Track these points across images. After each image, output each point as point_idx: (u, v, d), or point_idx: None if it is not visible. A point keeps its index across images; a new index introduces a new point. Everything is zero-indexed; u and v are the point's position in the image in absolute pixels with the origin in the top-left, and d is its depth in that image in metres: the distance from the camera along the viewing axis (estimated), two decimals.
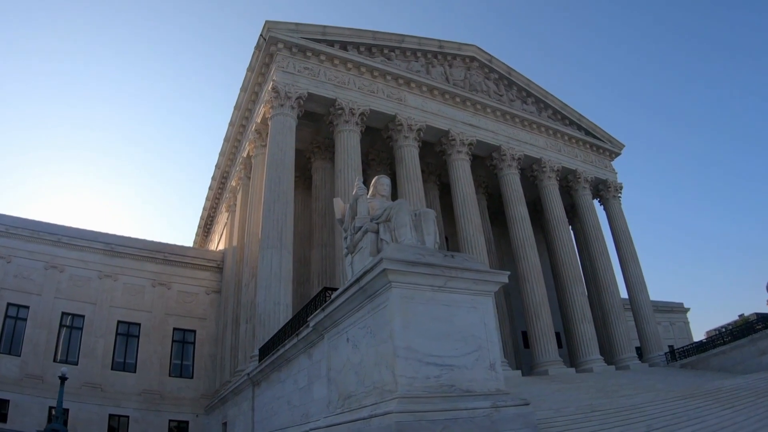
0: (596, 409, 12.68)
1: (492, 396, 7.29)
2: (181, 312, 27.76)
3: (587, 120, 32.85)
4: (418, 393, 6.91)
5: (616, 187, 32.52)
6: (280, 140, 21.66)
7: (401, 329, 7.25)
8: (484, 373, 7.59)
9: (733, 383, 17.06)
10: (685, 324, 43.38)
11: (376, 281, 7.65)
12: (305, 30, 24.18)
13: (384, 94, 25.71)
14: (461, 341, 7.63)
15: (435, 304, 7.68)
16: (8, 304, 24.02)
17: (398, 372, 6.97)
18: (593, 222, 30.22)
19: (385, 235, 9.00)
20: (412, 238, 8.81)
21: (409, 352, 7.14)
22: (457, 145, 26.56)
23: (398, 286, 7.46)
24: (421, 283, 7.62)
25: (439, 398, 6.92)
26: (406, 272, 7.47)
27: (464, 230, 24.71)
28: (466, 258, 8.46)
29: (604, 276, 28.49)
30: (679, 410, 13.13)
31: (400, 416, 6.40)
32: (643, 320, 28.09)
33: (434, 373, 7.17)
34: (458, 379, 7.29)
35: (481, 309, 8.08)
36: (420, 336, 7.33)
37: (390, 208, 9.21)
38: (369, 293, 7.97)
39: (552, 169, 29.81)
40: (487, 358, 7.73)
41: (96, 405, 23.63)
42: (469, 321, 7.86)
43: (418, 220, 9.21)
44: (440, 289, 7.77)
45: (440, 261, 7.92)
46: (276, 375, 13.78)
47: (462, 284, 7.94)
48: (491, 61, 30.63)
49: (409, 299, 7.51)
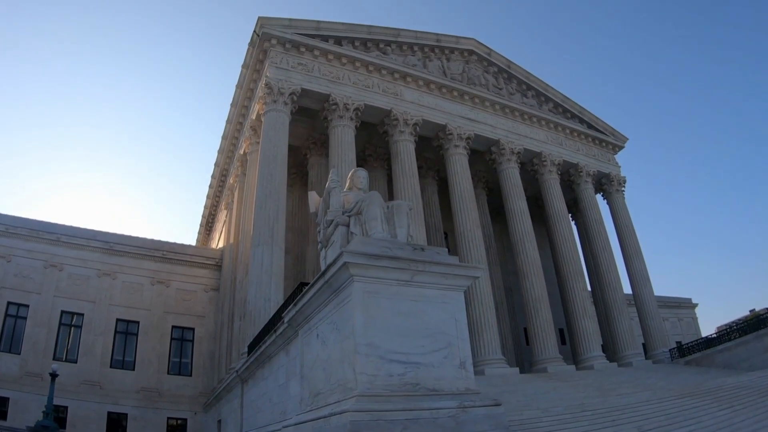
0: (587, 409, 12.32)
1: (460, 396, 7.00)
2: (180, 310, 27.77)
3: (589, 113, 32.24)
4: (379, 391, 6.64)
5: (620, 180, 31.90)
6: (273, 136, 21.48)
7: (363, 325, 6.99)
8: (453, 371, 7.29)
9: (736, 381, 16.58)
10: (693, 320, 42.54)
11: (339, 275, 7.40)
12: (299, 25, 23.95)
13: (379, 89, 25.39)
14: (429, 338, 7.35)
15: (401, 299, 7.40)
16: (8, 303, 24.18)
17: (358, 369, 6.71)
18: (595, 216, 29.67)
19: (355, 228, 8.74)
20: (382, 231, 8.54)
21: (371, 348, 6.88)
22: (455, 139, 26.18)
23: (360, 280, 7.19)
24: (385, 277, 7.35)
25: (401, 397, 6.65)
26: (368, 266, 7.20)
27: (461, 225, 24.36)
28: (437, 251, 8.16)
29: (606, 271, 27.95)
30: (675, 410, 12.72)
31: (356, 415, 6.14)
32: (647, 316, 27.51)
33: (398, 371, 6.90)
34: (424, 377, 7.00)
35: (452, 304, 7.79)
36: (384, 332, 7.06)
37: (361, 201, 8.95)
38: (334, 288, 7.72)
39: (553, 163, 29.30)
40: (456, 356, 7.44)
41: (95, 403, 23.72)
42: (438, 317, 7.58)
43: (391, 212, 8.93)
44: (407, 284, 7.49)
45: (407, 254, 7.64)
46: (260, 372, 13.61)
47: (430, 278, 7.65)
48: (490, 54, 30.16)
49: (373, 294, 7.24)
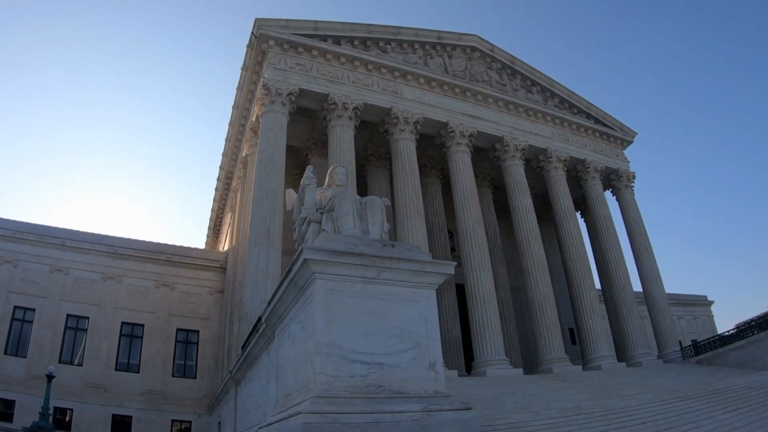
0: (582, 412, 11.80)
1: (427, 398, 6.69)
2: (185, 312, 27.87)
3: (596, 108, 31.52)
4: (339, 393, 6.38)
5: (629, 176, 31.10)
6: (270, 137, 21.40)
7: (324, 324, 6.74)
8: (421, 373, 7.00)
9: (746, 381, 15.90)
10: (709, 317, 41.26)
11: (301, 273, 7.17)
12: (296, 26, 23.87)
13: (379, 88, 25.17)
14: (396, 338, 7.07)
15: (367, 297, 7.14)
16: (15, 307, 24.52)
17: (317, 369, 6.47)
18: (604, 213, 28.96)
19: (327, 225, 8.51)
20: (354, 228, 8.29)
21: (332, 348, 6.63)
22: (457, 136, 25.79)
23: (323, 277, 6.96)
24: (349, 274, 7.09)
25: (362, 399, 6.38)
26: (331, 263, 6.96)
27: (463, 224, 23.97)
28: (408, 247, 7.88)
29: (615, 268, 27.24)
30: (676, 413, 12.15)
31: (310, 417, 5.90)
32: (658, 314, 26.70)
33: (361, 371, 6.63)
34: (389, 379, 6.73)
35: (422, 303, 7.50)
36: (347, 331, 6.80)
37: (334, 197, 8.71)
38: (300, 286, 7.50)
39: (559, 159, 28.70)
40: (426, 357, 7.14)
41: (99, 405, 23.89)
42: (407, 316, 7.29)
43: (364, 208, 8.68)
44: (373, 281, 7.22)
45: (375, 251, 7.37)
46: (249, 373, 13.47)
47: (399, 275, 7.37)
48: (493, 50, 29.70)
49: (337, 292, 7.00)
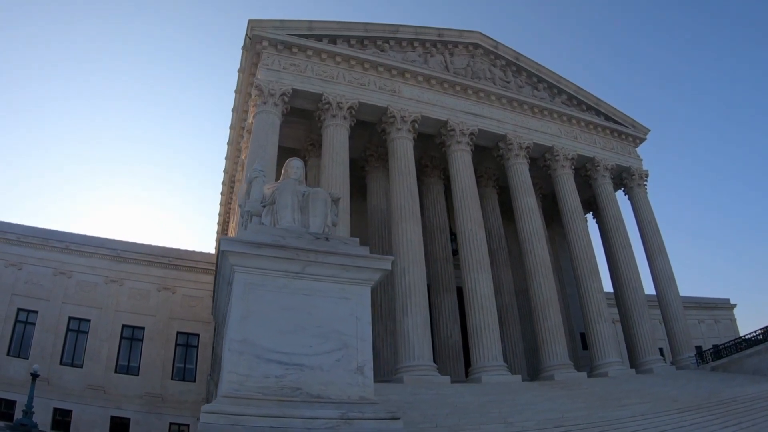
0: (562, 424, 10.89)
1: (348, 405, 6.15)
2: (186, 316, 27.89)
3: (606, 104, 30.36)
4: (250, 394, 5.91)
5: (641, 174, 29.76)
6: (261, 137, 21.17)
7: (238, 320, 6.29)
8: (346, 376, 6.46)
9: (756, 391, 14.74)
10: (731, 321, 39.09)
11: (224, 266, 6.76)
12: (291, 26, 23.68)
13: (376, 87, 24.73)
14: (320, 337, 6.55)
15: (289, 293, 6.66)
16: (18, 309, 24.94)
17: (227, 368, 6.03)
18: (614, 212, 27.75)
19: (266, 219, 8.07)
20: (293, 221, 7.82)
21: (245, 345, 6.17)
22: (457, 135, 25.11)
23: (242, 271, 6.53)
24: (272, 267, 6.64)
25: (273, 402, 5.89)
26: (249, 255, 6.52)
27: (462, 225, 23.23)
28: (344, 241, 7.38)
29: (626, 270, 25.98)
30: (669, 427, 11.14)
31: (210, 417, 5.50)
32: (672, 318, 25.31)
33: (276, 372, 6.15)
34: (308, 381, 6.21)
35: (353, 300, 6.97)
36: (263, 328, 6.33)
37: (276, 190, 8.28)
38: (227, 280, 7.07)
39: (566, 157, 27.67)
40: (353, 359, 6.59)
41: (99, 407, 24.01)
42: (335, 314, 6.77)
43: (306, 201, 8.21)
44: (298, 276, 6.74)
45: (302, 244, 6.90)
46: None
47: (327, 270, 6.87)
48: (497, 47, 28.95)
49: (257, 286, 6.55)
